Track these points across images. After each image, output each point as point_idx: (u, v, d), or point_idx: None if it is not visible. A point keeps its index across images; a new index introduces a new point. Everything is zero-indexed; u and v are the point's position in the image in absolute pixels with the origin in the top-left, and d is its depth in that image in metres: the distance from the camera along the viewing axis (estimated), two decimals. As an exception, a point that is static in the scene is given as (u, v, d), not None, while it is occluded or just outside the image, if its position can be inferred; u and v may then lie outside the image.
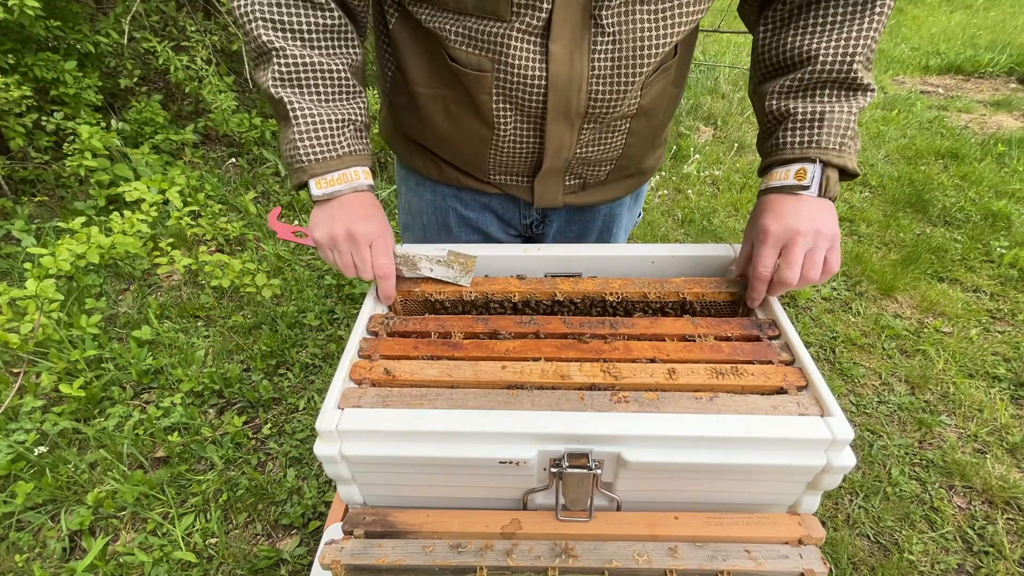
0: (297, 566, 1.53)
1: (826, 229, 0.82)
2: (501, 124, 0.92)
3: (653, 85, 0.93)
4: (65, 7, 2.84)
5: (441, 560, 0.74)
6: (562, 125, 0.92)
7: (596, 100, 0.89)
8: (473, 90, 0.89)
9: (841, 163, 0.83)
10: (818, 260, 0.83)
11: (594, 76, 0.86)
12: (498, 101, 0.89)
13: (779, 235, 0.84)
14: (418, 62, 0.93)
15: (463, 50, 0.85)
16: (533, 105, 0.89)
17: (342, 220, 0.87)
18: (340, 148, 0.88)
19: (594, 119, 0.92)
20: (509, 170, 1.03)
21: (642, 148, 1.05)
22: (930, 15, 7.05)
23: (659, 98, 0.96)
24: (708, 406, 0.76)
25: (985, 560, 1.56)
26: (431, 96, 0.95)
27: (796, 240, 0.82)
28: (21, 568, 1.51)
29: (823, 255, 0.83)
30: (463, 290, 0.96)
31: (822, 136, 0.83)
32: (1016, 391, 2.08)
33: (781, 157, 0.86)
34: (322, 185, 0.88)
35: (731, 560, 0.74)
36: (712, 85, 5.02)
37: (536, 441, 0.73)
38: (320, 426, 0.73)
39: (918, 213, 3.19)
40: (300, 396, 2.02)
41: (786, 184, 0.85)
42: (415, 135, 1.06)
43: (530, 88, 0.87)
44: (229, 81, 3.23)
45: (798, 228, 0.82)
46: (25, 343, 1.94)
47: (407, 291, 0.96)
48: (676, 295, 0.96)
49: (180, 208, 2.68)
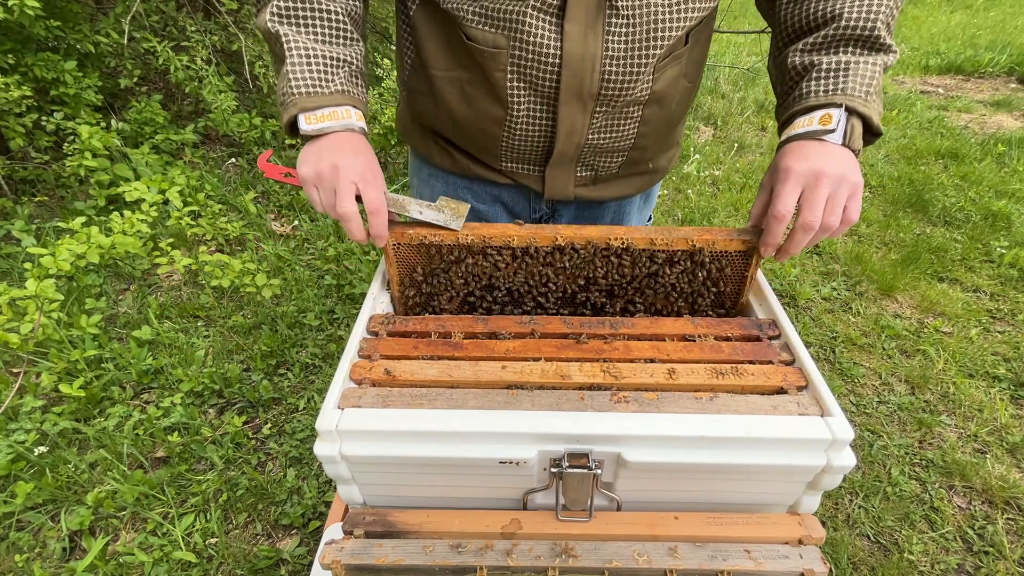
0: (297, 566, 1.53)
1: (852, 175, 0.79)
2: (514, 103, 0.94)
3: (665, 71, 0.94)
4: (65, 7, 2.84)
5: (441, 560, 0.74)
6: (574, 107, 0.93)
7: (608, 81, 0.90)
8: (488, 68, 0.90)
9: (866, 112, 0.80)
10: (839, 206, 0.79)
11: (607, 56, 0.88)
12: (512, 79, 0.91)
13: (802, 174, 0.79)
14: (436, 46, 0.95)
15: (479, 29, 0.87)
16: (546, 84, 0.91)
17: (329, 156, 0.84)
18: (332, 85, 0.87)
19: (606, 102, 0.93)
20: (521, 156, 1.03)
21: (654, 142, 1.06)
22: (930, 15, 7.05)
23: (671, 86, 0.97)
24: (708, 406, 0.76)
25: (985, 560, 1.56)
26: (448, 79, 0.97)
27: (821, 181, 0.78)
28: (21, 568, 1.51)
29: (844, 201, 0.79)
30: (459, 235, 0.92)
31: (847, 83, 0.81)
32: (1016, 391, 2.08)
33: (805, 105, 0.83)
34: (311, 121, 0.85)
35: (731, 560, 0.74)
36: (712, 85, 5.02)
37: (536, 441, 0.73)
38: (320, 426, 0.73)
39: (918, 213, 3.18)
40: (300, 396, 2.02)
41: (810, 130, 0.82)
42: (431, 122, 1.07)
43: (544, 66, 0.88)
44: (229, 81, 3.23)
45: (823, 169, 0.78)
46: (25, 343, 1.93)
47: (400, 233, 0.93)
48: (685, 242, 0.92)
49: (180, 208, 2.68)
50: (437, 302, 1.00)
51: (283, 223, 3.03)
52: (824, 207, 0.79)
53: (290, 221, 3.03)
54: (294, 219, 3.03)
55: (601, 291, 0.98)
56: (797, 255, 0.86)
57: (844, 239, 2.98)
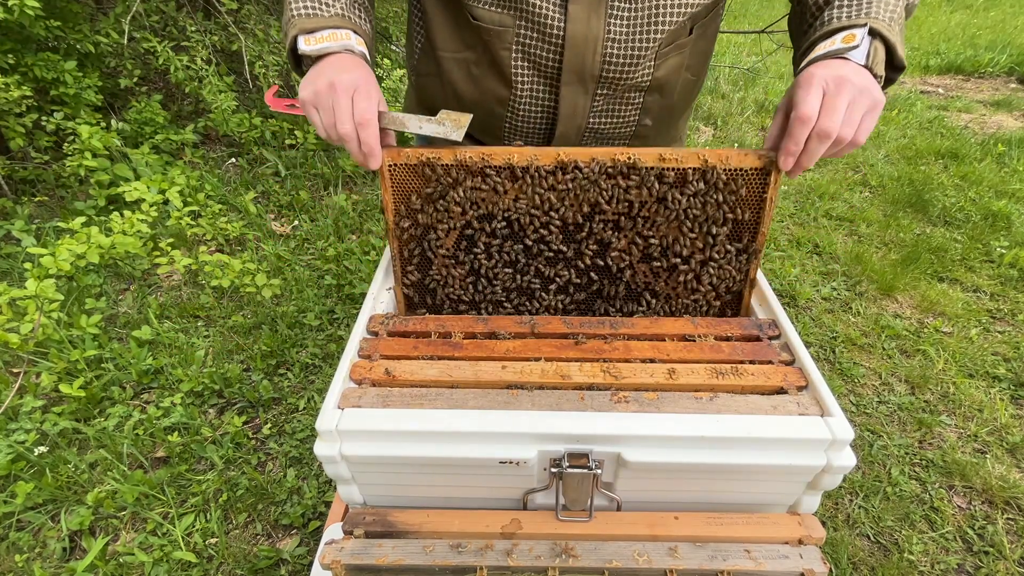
0: (297, 566, 1.53)
1: (875, 91, 0.76)
2: (518, 82, 0.97)
3: (668, 58, 0.96)
4: (65, 7, 2.84)
5: (441, 560, 0.74)
6: (576, 87, 0.95)
7: (610, 63, 0.93)
8: (494, 47, 0.93)
9: (889, 37, 0.78)
10: (857, 117, 0.75)
11: (609, 39, 0.90)
12: (517, 58, 0.94)
13: (825, 78, 0.76)
14: (445, 29, 0.98)
15: (486, 9, 0.91)
16: (549, 63, 0.94)
17: (326, 74, 0.83)
18: (332, 9, 0.88)
19: (607, 84, 0.96)
20: (525, 135, 1.05)
21: (656, 132, 1.08)
22: (930, 15, 7.05)
23: (673, 75, 0.99)
24: (708, 406, 0.76)
25: (985, 560, 1.56)
26: (455, 60, 1.00)
27: (843, 87, 0.74)
28: (21, 568, 1.51)
29: (862, 113, 0.76)
30: (458, 152, 0.89)
31: (871, 7, 0.79)
32: (1016, 391, 2.08)
33: (828, 29, 0.81)
34: (311, 42, 0.85)
35: (731, 560, 0.74)
36: (712, 85, 5.02)
37: (536, 441, 0.73)
38: (320, 426, 0.73)
39: (918, 213, 3.18)
40: (300, 396, 2.02)
41: (832, 49, 0.79)
42: (437, 103, 1.08)
43: (548, 45, 0.91)
44: (229, 81, 3.23)
45: (847, 75, 0.75)
46: (25, 343, 1.93)
47: (396, 153, 0.90)
48: (697, 158, 0.87)
49: (180, 208, 2.68)
50: (434, 236, 0.95)
51: (283, 223, 3.03)
52: (844, 116, 0.75)
53: (290, 221, 3.03)
54: (294, 219, 3.03)
55: (607, 223, 0.93)
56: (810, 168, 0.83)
57: (844, 239, 2.98)
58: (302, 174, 3.36)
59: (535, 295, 1.00)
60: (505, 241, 0.95)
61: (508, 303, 1.01)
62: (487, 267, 0.98)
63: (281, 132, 3.48)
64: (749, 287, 0.98)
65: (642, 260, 0.96)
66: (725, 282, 0.97)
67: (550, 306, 1.01)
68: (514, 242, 0.95)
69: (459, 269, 0.99)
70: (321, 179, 3.34)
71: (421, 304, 1.04)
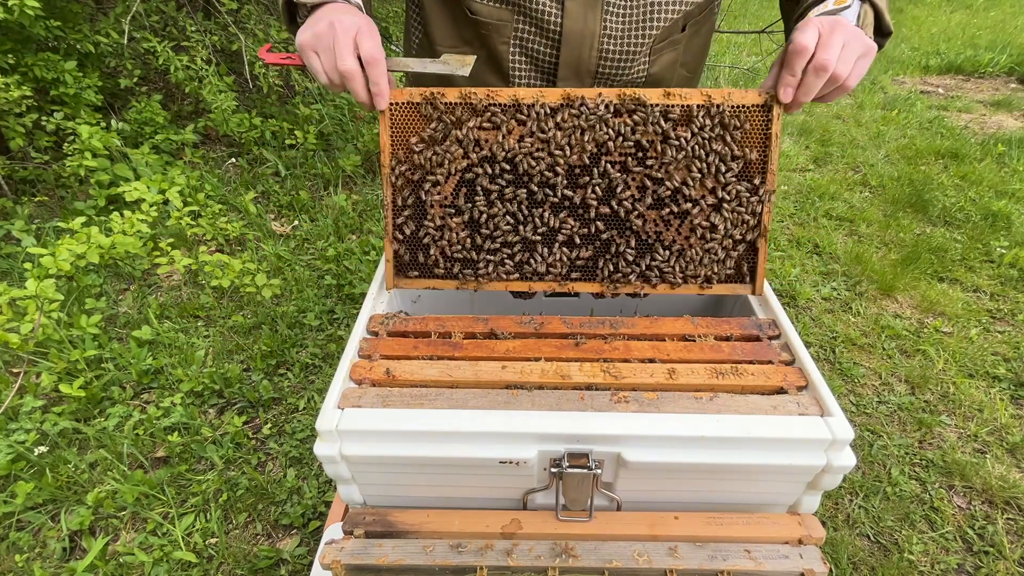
0: (297, 566, 1.53)
1: (867, 40, 0.80)
2: (516, 76, 0.99)
3: (662, 55, 0.98)
4: (65, 7, 2.84)
5: (441, 560, 0.74)
6: (572, 83, 0.97)
7: (606, 59, 0.95)
8: (492, 41, 0.95)
9: (878, 2, 0.83)
10: (851, 56, 0.79)
11: (605, 35, 0.92)
12: (514, 52, 0.96)
13: (820, 21, 0.80)
14: (442, 23, 0.99)
15: (484, 3, 0.92)
16: (546, 59, 0.96)
17: (325, 17, 0.81)
18: None
19: (603, 80, 0.98)
20: None
21: None
22: (930, 15, 7.05)
23: (668, 71, 1.01)
24: (708, 406, 0.76)
25: (985, 560, 1.56)
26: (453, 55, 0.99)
27: (837, 28, 0.78)
28: (21, 568, 1.51)
29: (857, 54, 0.79)
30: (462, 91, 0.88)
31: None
32: (1016, 391, 2.08)
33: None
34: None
35: (731, 560, 0.74)
36: (712, 85, 5.02)
37: (536, 441, 0.73)
38: (320, 426, 0.73)
39: (918, 213, 3.18)
40: (300, 396, 2.02)
41: (824, 10, 0.83)
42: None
43: (545, 40, 0.93)
44: (229, 81, 3.23)
45: (841, 21, 0.80)
46: (25, 343, 1.93)
47: (399, 92, 0.89)
48: (700, 95, 0.88)
49: (180, 208, 2.68)
50: (432, 181, 0.92)
51: (283, 223, 3.03)
52: (839, 54, 0.78)
53: (290, 221, 3.03)
54: (294, 219, 3.03)
55: (615, 163, 0.91)
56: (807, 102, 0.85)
57: (844, 239, 2.98)
58: (302, 174, 3.36)
59: (536, 250, 0.94)
60: (507, 186, 0.92)
61: (510, 260, 0.95)
62: (487, 215, 0.92)
63: (281, 132, 3.48)
64: (764, 237, 0.94)
65: (653, 207, 0.92)
66: (739, 228, 0.93)
67: (552, 265, 0.95)
68: (517, 187, 0.92)
69: (457, 219, 0.93)
70: (321, 179, 3.34)
71: (412, 264, 0.98)
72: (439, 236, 0.94)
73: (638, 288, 0.96)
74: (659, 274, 0.95)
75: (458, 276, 0.97)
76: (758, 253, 0.96)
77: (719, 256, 0.95)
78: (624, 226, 0.94)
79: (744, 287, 0.98)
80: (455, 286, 0.97)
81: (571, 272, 0.96)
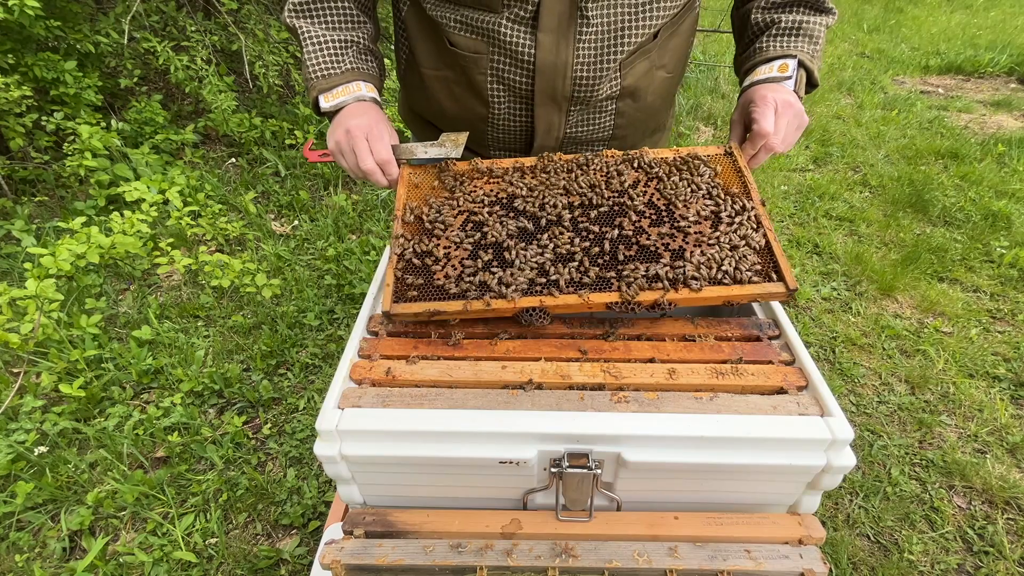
0: (297, 566, 1.53)
1: (804, 116, 0.97)
2: (495, 103, 1.02)
3: (634, 66, 0.99)
4: (65, 7, 2.84)
5: (441, 560, 0.74)
6: (549, 107, 1.00)
7: (580, 85, 0.97)
8: (470, 71, 0.99)
9: (811, 67, 0.98)
10: (792, 136, 0.96)
11: (579, 63, 0.94)
12: (492, 82, 0.99)
13: (776, 100, 0.94)
14: (425, 46, 1.03)
15: (461, 35, 0.96)
16: (522, 87, 0.98)
17: (342, 124, 0.96)
18: (343, 65, 0.99)
19: (579, 101, 1.00)
20: (506, 146, 1.11)
21: (634, 131, 1.12)
22: (930, 15, 7.05)
23: (643, 79, 1.02)
24: (708, 406, 0.76)
25: (985, 560, 1.56)
26: (436, 77, 1.05)
27: (787, 110, 0.94)
28: (21, 568, 1.51)
29: (796, 133, 0.97)
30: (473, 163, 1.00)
31: (800, 41, 0.99)
32: (1016, 391, 2.08)
33: (766, 56, 0.99)
34: (329, 99, 0.99)
35: (731, 560, 0.74)
36: (712, 85, 5.02)
37: (536, 441, 0.73)
38: (320, 426, 0.73)
39: (918, 213, 3.18)
40: (300, 396, 2.02)
41: (771, 76, 0.98)
42: (425, 113, 1.16)
43: (520, 70, 0.96)
44: (229, 81, 3.23)
45: (790, 101, 0.95)
46: (25, 343, 1.93)
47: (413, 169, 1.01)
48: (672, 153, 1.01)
49: (180, 208, 2.68)
50: (441, 222, 0.95)
51: (283, 223, 3.02)
52: (784, 136, 0.95)
53: (290, 221, 3.03)
54: (294, 219, 3.03)
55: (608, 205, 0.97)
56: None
57: (844, 239, 2.98)
58: (302, 174, 3.36)
59: (546, 268, 0.92)
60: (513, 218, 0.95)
61: (521, 275, 0.91)
62: (496, 239, 0.93)
63: (281, 132, 3.48)
64: (770, 231, 0.93)
65: (654, 223, 0.95)
66: (746, 239, 0.93)
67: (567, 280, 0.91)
68: (526, 220, 0.95)
69: (466, 242, 0.94)
70: (321, 179, 3.34)
71: (413, 287, 0.94)
72: (446, 263, 0.96)
73: (659, 295, 0.88)
74: (683, 278, 0.91)
75: (465, 296, 0.92)
76: (774, 252, 0.94)
77: (742, 253, 0.93)
78: (631, 242, 0.93)
79: (775, 284, 0.93)
80: (460, 306, 0.90)
81: (584, 280, 0.93)
